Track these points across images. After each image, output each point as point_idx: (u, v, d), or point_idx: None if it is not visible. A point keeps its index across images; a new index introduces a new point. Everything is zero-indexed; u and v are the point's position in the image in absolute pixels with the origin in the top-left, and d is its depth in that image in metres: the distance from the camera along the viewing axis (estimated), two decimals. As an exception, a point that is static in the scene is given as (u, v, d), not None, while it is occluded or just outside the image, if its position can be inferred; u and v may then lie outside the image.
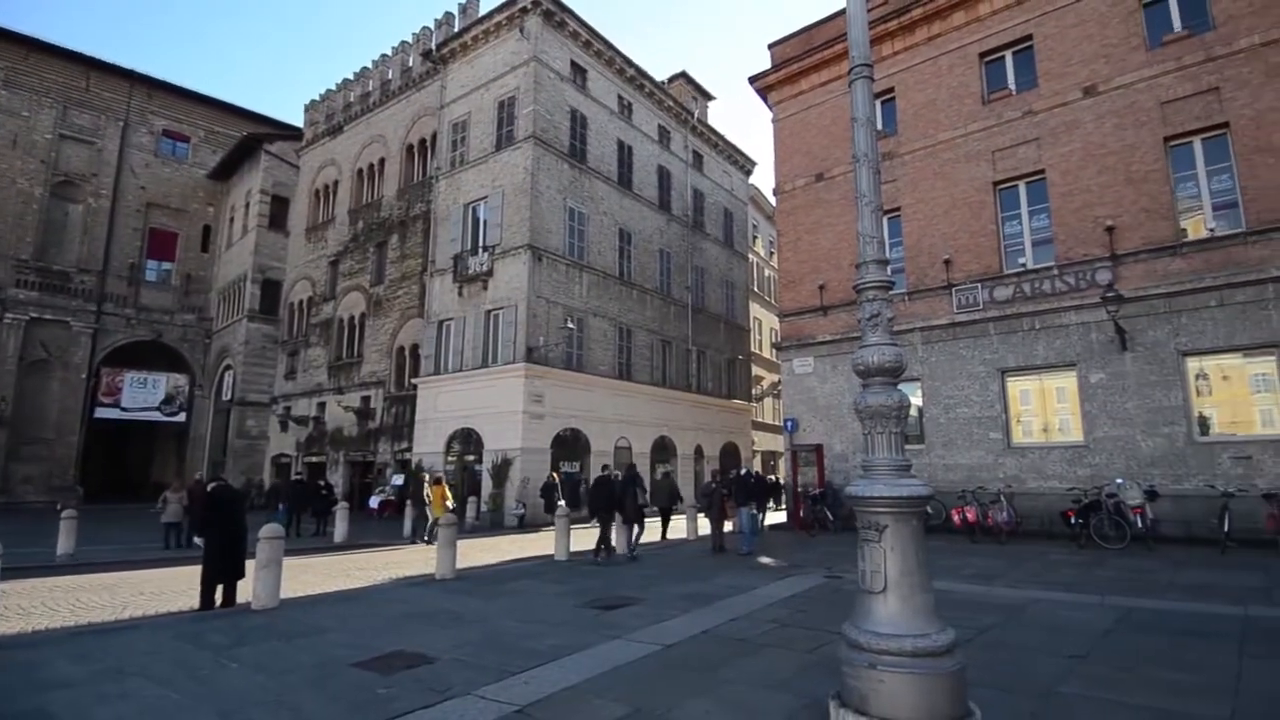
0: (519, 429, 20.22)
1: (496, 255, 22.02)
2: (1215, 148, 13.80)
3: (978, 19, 17.10)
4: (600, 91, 25.39)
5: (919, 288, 17.11)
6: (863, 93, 4.52)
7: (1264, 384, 12.89)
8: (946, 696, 3.57)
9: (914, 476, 4.07)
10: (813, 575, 10.16)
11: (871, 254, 4.31)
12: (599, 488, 12.56)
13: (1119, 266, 14.30)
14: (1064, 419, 14.99)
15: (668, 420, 26.42)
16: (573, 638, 6.49)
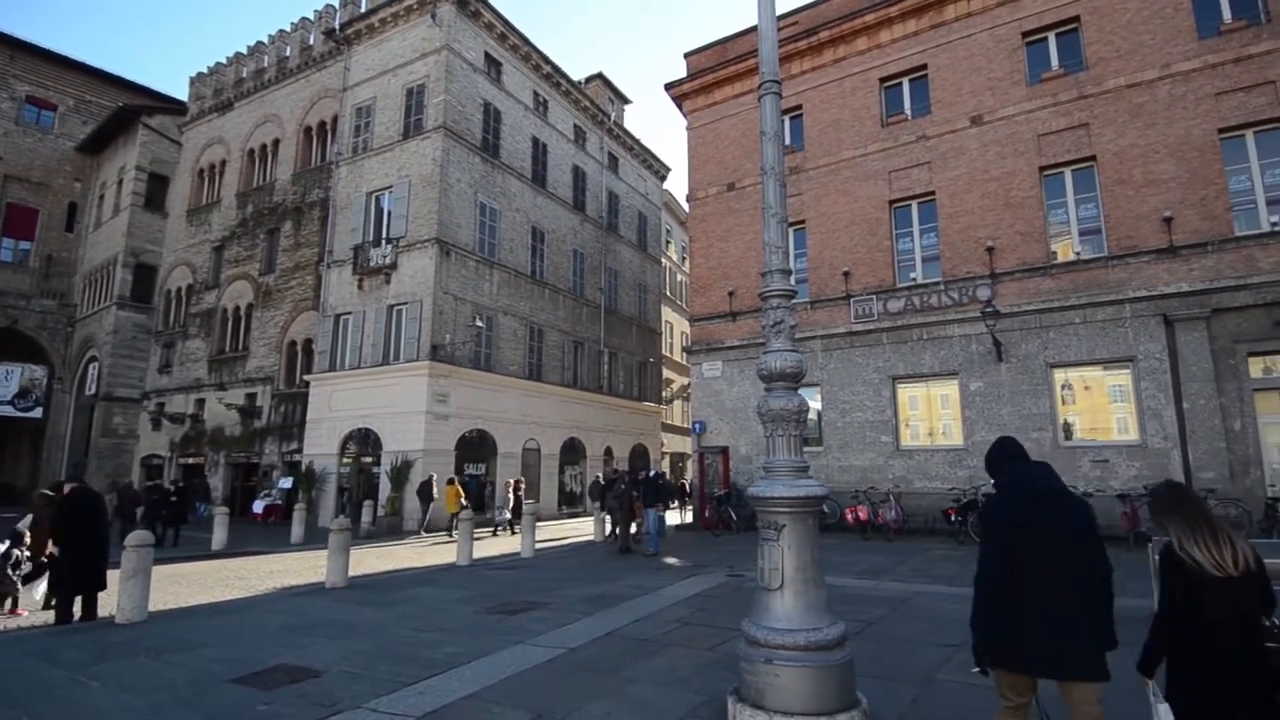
0: (422, 430, 19.51)
1: (401, 248, 21.18)
2: (1083, 178, 15.24)
3: (879, 46, 18.10)
4: (515, 86, 24.98)
5: (820, 297, 17.88)
6: (771, 108, 4.67)
7: (1120, 394, 14.35)
8: (836, 687, 3.73)
9: (811, 477, 4.23)
10: (716, 574, 10.38)
11: (776, 263, 4.45)
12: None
13: (997, 284, 15.51)
14: (947, 424, 16.10)
15: (578, 422, 26.29)
16: (473, 645, 6.32)
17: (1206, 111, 13.88)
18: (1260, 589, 2.70)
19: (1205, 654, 2.66)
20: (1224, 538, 2.71)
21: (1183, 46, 14.28)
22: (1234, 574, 2.65)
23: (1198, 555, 2.69)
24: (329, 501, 21.03)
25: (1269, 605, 2.72)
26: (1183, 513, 2.82)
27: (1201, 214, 13.71)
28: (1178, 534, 2.78)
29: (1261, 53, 13.48)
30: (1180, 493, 2.97)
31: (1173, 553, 2.76)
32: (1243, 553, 2.67)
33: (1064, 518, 3.04)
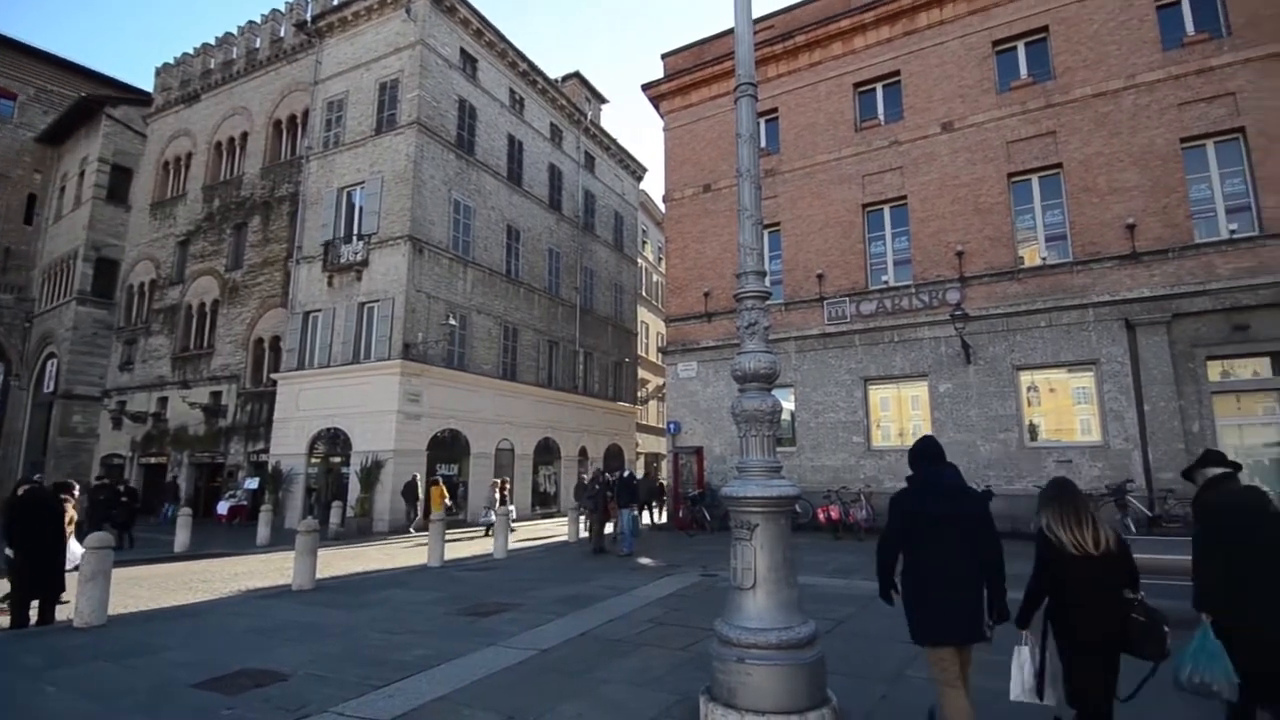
0: (393, 429, 19.25)
1: (373, 245, 20.87)
2: (1050, 185, 15.59)
3: (853, 51, 18.32)
4: (491, 83, 24.79)
5: (795, 299, 18.04)
6: (747, 110, 4.69)
7: (1084, 396, 14.70)
8: (807, 685, 3.76)
9: (784, 477, 4.26)
10: (689, 574, 10.41)
11: (751, 265, 4.47)
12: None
13: (966, 288, 15.79)
14: (917, 424, 16.35)
15: (552, 422, 26.16)
16: (443, 647, 6.25)
17: (1169, 121, 14.29)
18: (1121, 567, 3.32)
19: (1076, 620, 3.29)
20: (1087, 524, 3.34)
21: (1147, 57, 14.69)
22: (1093, 553, 3.28)
23: (1062, 536, 3.34)
24: (296, 502, 20.65)
25: (1132, 582, 3.33)
26: (1058, 502, 3.46)
27: (1163, 221, 14.12)
28: (1048, 518, 3.44)
29: (1223, 64, 13.93)
30: (1061, 487, 3.55)
31: (1043, 533, 3.43)
32: (1104, 537, 3.31)
33: (961, 511, 3.57)
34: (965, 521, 3.53)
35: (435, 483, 18.27)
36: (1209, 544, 3.57)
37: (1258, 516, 3.55)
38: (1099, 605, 3.27)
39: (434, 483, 18.29)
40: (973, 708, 3.45)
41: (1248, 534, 3.44)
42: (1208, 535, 3.63)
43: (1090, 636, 3.28)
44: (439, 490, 17.83)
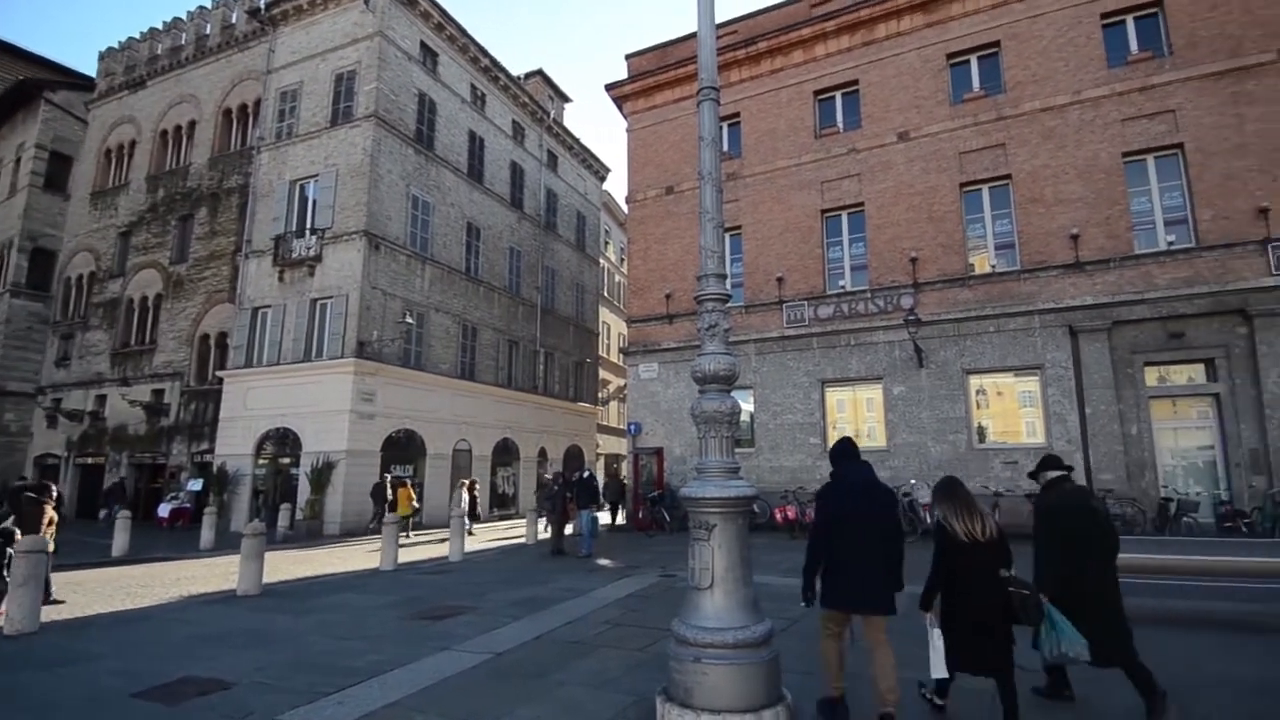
0: (345, 430, 18.77)
1: (327, 239, 20.34)
2: (999, 195, 16.11)
3: (814, 59, 18.62)
4: (452, 78, 24.42)
5: (755, 302, 18.24)
6: (709, 114, 4.71)
7: (1029, 400, 15.22)
8: (762, 684, 3.79)
9: (742, 478, 4.30)
10: (648, 575, 10.41)
11: (712, 268, 4.49)
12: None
13: (920, 293, 16.19)
14: (871, 426, 16.69)
15: (511, 422, 25.89)
16: (396, 652, 6.12)
17: (1112, 136, 14.91)
18: (1001, 551, 4.04)
19: (968, 595, 3.96)
20: (976, 516, 4.04)
21: (1093, 74, 15.30)
22: (981, 540, 3.97)
23: (955, 526, 4.01)
24: (242, 505, 19.98)
25: (1007, 562, 4.05)
26: (952, 498, 4.14)
27: (1105, 232, 14.72)
28: (944, 512, 4.12)
29: (1164, 83, 14.60)
30: (953, 485, 4.26)
31: (940, 525, 4.12)
32: (989, 526, 4.01)
33: (872, 502, 4.22)
34: (877, 513, 4.21)
35: (403, 484, 18.09)
36: (1048, 537, 4.43)
37: (1083, 512, 4.45)
38: (986, 584, 3.95)
39: (401, 484, 18.07)
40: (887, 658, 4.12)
41: (1077, 527, 4.34)
42: (1048, 529, 4.47)
43: (983, 611, 3.92)
44: (406, 492, 17.70)
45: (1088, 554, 4.26)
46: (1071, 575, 4.22)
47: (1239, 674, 5.01)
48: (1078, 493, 4.72)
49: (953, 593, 4.04)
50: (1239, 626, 6.52)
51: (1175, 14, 14.76)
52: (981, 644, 3.92)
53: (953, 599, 4.04)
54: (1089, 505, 4.56)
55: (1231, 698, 4.57)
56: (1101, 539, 4.33)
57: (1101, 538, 4.34)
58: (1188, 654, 5.56)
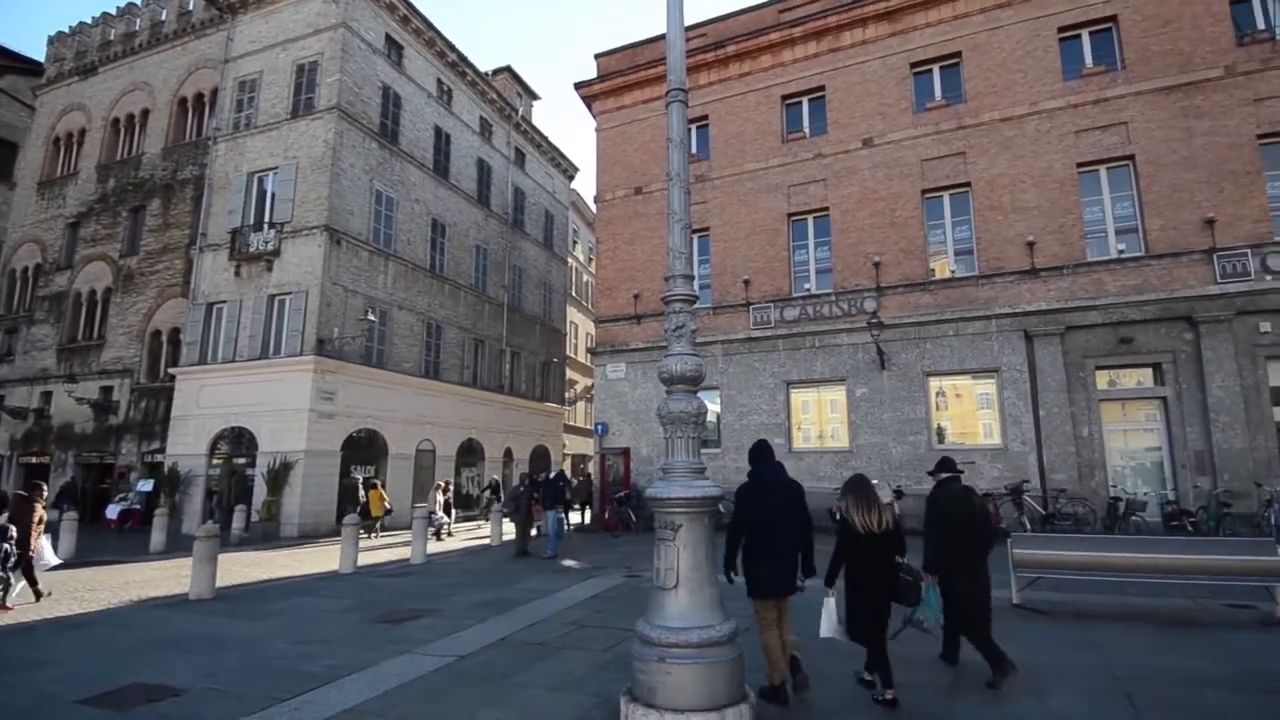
0: (304, 429, 18.31)
1: (286, 234, 19.83)
2: (959, 202, 16.49)
3: (781, 65, 18.82)
4: (418, 72, 24.05)
5: (722, 304, 18.35)
6: (678, 116, 4.73)
7: (986, 401, 15.61)
8: (726, 683, 3.82)
9: (708, 478, 4.32)
10: (614, 575, 10.39)
11: (679, 269, 4.51)
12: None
13: (882, 297, 16.49)
14: (835, 427, 16.94)
15: (477, 422, 25.59)
16: (354, 656, 5.99)
17: (1067, 147, 15.39)
18: (895, 541, 4.73)
19: (863, 579, 4.65)
20: (875, 510, 4.67)
21: (1049, 86, 15.77)
22: (876, 531, 4.63)
23: (855, 519, 4.66)
24: (195, 506, 19.36)
25: (900, 551, 4.79)
26: (854, 493, 4.78)
27: (1060, 240, 15.18)
28: (848, 505, 4.75)
29: (1117, 96, 15.11)
30: (859, 482, 4.88)
31: (843, 516, 4.78)
32: (885, 519, 4.65)
33: (784, 499, 4.74)
34: (788, 508, 4.70)
35: (375, 486, 18.04)
36: (937, 529, 5.21)
37: (964, 508, 5.26)
38: (878, 568, 4.66)
39: (373, 486, 18.03)
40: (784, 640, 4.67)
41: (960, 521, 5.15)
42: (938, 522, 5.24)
43: (871, 589, 4.63)
44: (378, 493, 17.67)
45: (965, 543, 5.09)
46: (952, 561, 5.03)
47: (1185, 668, 5.21)
48: (962, 491, 5.48)
49: (849, 574, 4.73)
50: (1178, 621, 6.77)
51: (1129, 29, 15.31)
52: (866, 618, 4.63)
53: (849, 579, 4.73)
54: (969, 502, 5.38)
55: (1183, 693, 4.73)
56: (976, 532, 5.19)
57: (976, 531, 5.19)
58: (1136, 648, 5.76)
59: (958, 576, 4.98)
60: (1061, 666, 5.29)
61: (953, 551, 5.05)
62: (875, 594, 4.62)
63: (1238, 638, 6.03)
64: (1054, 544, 7.95)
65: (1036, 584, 7.61)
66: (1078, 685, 4.86)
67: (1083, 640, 6.03)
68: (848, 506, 4.74)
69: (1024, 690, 4.78)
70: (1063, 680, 4.97)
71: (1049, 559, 7.40)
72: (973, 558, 5.08)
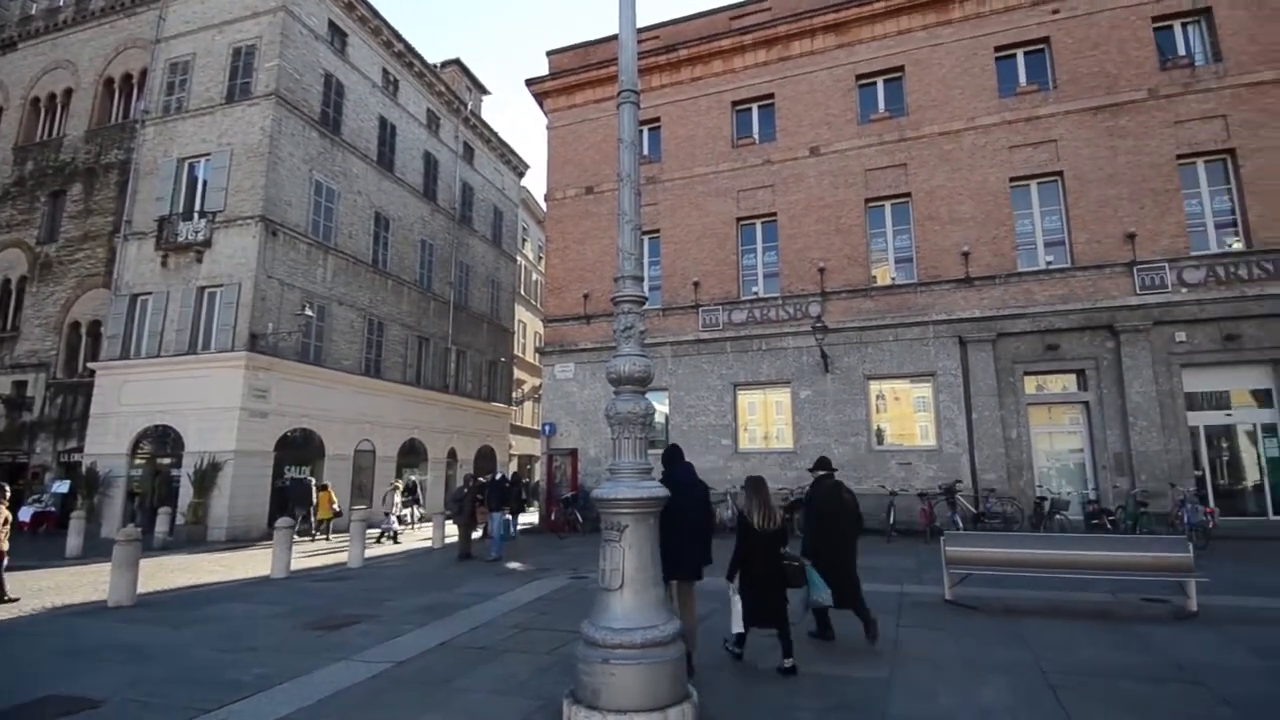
0: (234, 428, 17.53)
1: (218, 224, 18.97)
2: (900, 212, 17.03)
3: (732, 71, 19.07)
4: (362, 61, 23.37)
5: (672, 305, 18.45)
6: (629, 117, 4.72)
7: (923, 405, 16.16)
8: (669, 682, 3.82)
9: (654, 479, 4.32)
10: (559, 577, 10.31)
11: (629, 270, 4.50)
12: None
13: (827, 302, 16.88)
14: (780, 428, 17.25)
15: (420, 422, 25.00)
16: (287, 664, 5.76)
17: (1001, 162, 16.08)
18: (782, 536, 5.47)
19: (755, 568, 5.33)
20: (768, 511, 5.40)
21: (986, 103, 16.44)
22: (769, 530, 5.36)
23: (754, 518, 5.38)
24: (115, 508, 18.30)
25: (784, 543, 5.50)
26: (753, 494, 5.47)
27: (993, 251, 15.85)
28: (747, 505, 5.47)
29: (1047, 114, 15.87)
30: (757, 484, 5.59)
31: (742, 515, 5.50)
32: (775, 518, 5.39)
33: (691, 496, 5.15)
34: (694, 505, 5.17)
35: (324, 488, 17.89)
36: (814, 519, 6.19)
37: (836, 501, 6.20)
38: (770, 559, 5.36)
39: (323, 488, 17.88)
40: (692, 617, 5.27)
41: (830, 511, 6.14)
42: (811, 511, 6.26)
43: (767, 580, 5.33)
44: (328, 495, 17.51)
45: (836, 530, 6.10)
46: (824, 545, 5.99)
47: (1104, 661, 5.49)
48: (835, 486, 6.39)
49: (748, 567, 5.35)
50: (1098, 615, 7.15)
51: (1060, 51, 16.10)
52: (765, 605, 5.26)
53: (747, 572, 5.35)
54: (840, 496, 6.30)
55: (1103, 685, 4.98)
56: (847, 521, 6.20)
57: (847, 520, 6.20)
58: (1060, 642, 6.04)
59: (831, 558, 5.89)
60: (991, 660, 5.51)
61: (826, 538, 6.05)
62: (772, 583, 5.33)
63: (1153, 631, 6.39)
64: (984, 542, 8.29)
65: (968, 580, 7.91)
66: (1006, 679, 5.06)
67: (1011, 634, 6.29)
68: (747, 507, 5.46)
69: (955, 684, 4.96)
70: (992, 674, 5.18)
71: (979, 556, 7.70)
72: (843, 542, 6.11)
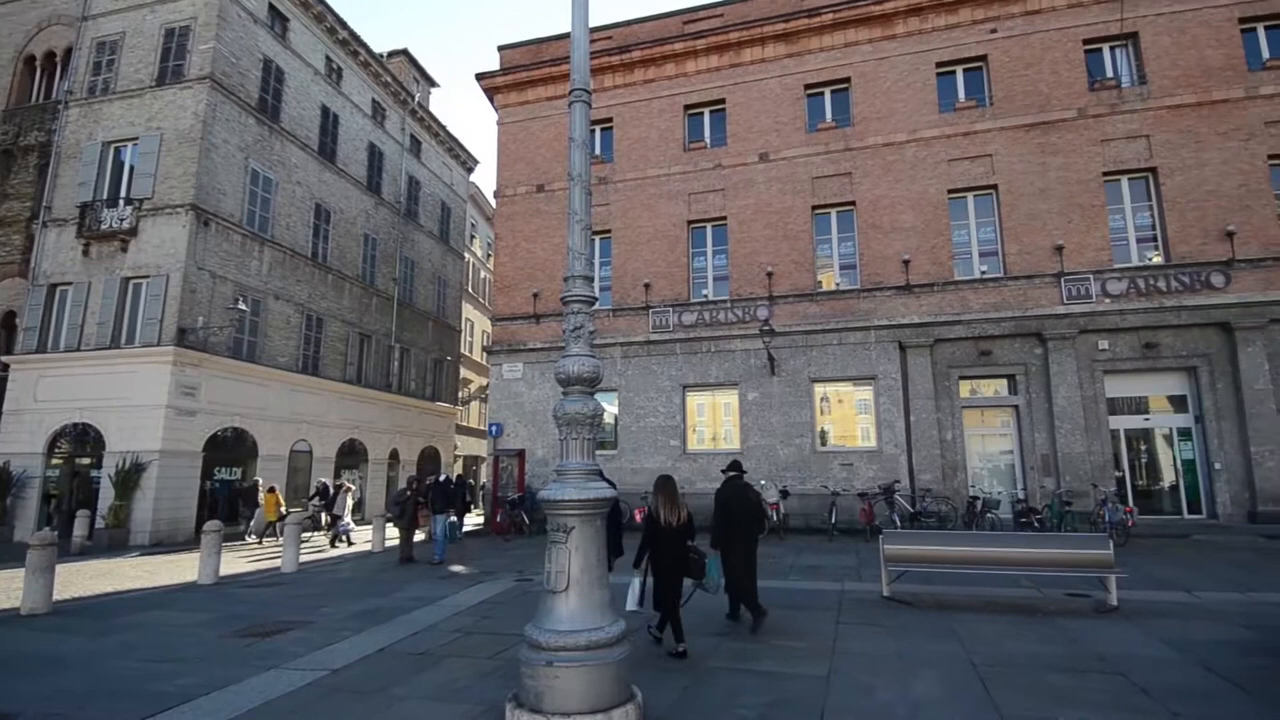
0: (160, 427, 16.64)
1: (145, 211, 18.01)
2: (845, 219, 17.46)
3: (685, 75, 19.21)
4: (304, 47, 22.58)
5: (622, 306, 18.46)
6: (580, 116, 4.69)
7: (865, 407, 16.61)
8: (612, 684, 3.81)
9: (602, 480, 4.30)
10: (504, 580, 10.16)
11: (579, 269, 4.47)
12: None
13: (774, 306, 17.18)
14: (727, 430, 17.45)
15: (360, 422, 24.28)
16: (214, 674, 5.51)
17: (940, 174, 16.68)
18: (687, 530, 6.10)
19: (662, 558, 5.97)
20: (674, 508, 6.00)
21: (927, 116, 17.02)
22: (675, 525, 5.97)
23: (661, 514, 5.97)
24: (30, 511, 17.16)
25: (690, 537, 6.18)
26: (661, 493, 6.05)
27: (931, 259, 16.42)
28: (655, 502, 6.07)
29: (984, 130, 16.55)
30: (665, 482, 6.15)
31: (650, 511, 6.14)
32: (681, 516, 6.02)
33: None
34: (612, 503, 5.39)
35: (271, 490, 17.43)
36: (720, 514, 6.81)
37: (740, 499, 6.89)
38: (674, 551, 5.99)
39: (270, 490, 17.41)
40: None
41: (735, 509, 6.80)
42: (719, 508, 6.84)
43: (670, 569, 5.95)
44: (273, 498, 17.13)
45: (739, 526, 6.75)
46: (729, 538, 6.67)
47: (1030, 653, 5.74)
48: (741, 487, 7.05)
49: (653, 559, 6.00)
50: (1025, 610, 7.48)
51: (997, 69, 16.81)
52: (663, 591, 5.90)
53: (653, 563, 6.00)
54: (745, 495, 7.00)
55: (1028, 676, 5.20)
56: (749, 518, 6.87)
57: (749, 517, 6.87)
58: (989, 635, 6.28)
59: (734, 552, 6.63)
60: (925, 655, 5.69)
61: (731, 533, 6.68)
62: (672, 573, 5.94)
63: (1075, 624, 6.72)
64: (920, 540, 8.57)
65: (905, 577, 8.16)
66: (938, 672, 5.24)
67: (944, 629, 6.51)
68: (655, 503, 6.04)
69: (891, 679, 5.10)
70: (926, 668, 5.35)
71: (915, 554, 7.96)
72: (746, 538, 6.76)
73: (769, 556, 11.84)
